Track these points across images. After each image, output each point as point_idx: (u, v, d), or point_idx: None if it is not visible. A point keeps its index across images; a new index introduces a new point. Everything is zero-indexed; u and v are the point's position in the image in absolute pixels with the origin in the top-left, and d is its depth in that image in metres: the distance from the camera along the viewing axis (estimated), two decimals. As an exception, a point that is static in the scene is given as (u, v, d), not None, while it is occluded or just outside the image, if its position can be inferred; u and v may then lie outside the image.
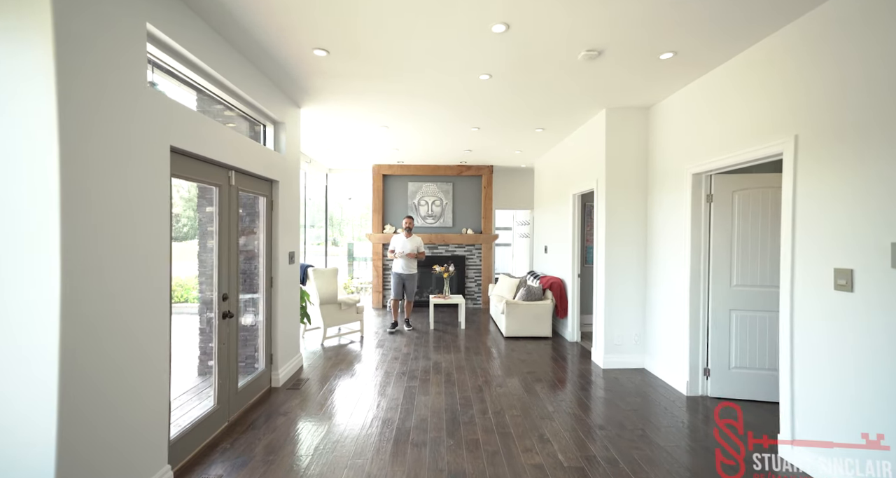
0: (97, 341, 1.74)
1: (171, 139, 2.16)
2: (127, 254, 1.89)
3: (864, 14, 2.05)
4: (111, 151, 1.80)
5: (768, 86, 2.66)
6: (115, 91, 1.82)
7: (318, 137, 5.73)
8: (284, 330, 3.89)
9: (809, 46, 2.36)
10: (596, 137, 4.51)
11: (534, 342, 5.40)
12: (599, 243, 4.43)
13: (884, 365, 1.94)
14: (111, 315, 1.81)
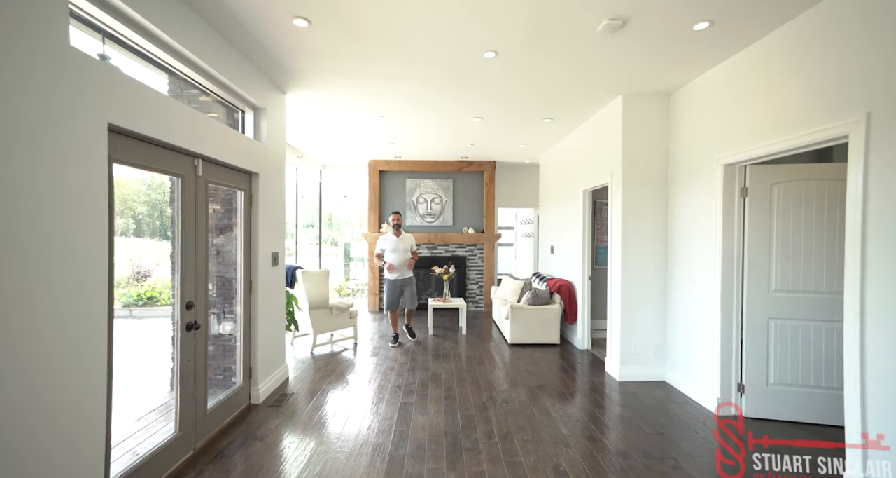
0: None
1: (109, 115, 1.76)
2: (35, 252, 1.50)
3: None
4: (18, 127, 1.41)
5: (830, 55, 2.26)
6: (23, 52, 1.42)
7: (309, 130, 5.33)
8: (267, 340, 3.50)
9: (888, 3, 1.96)
10: (610, 127, 4.11)
11: (541, 350, 5.00)
12: (614, 243, 4.04)
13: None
14: (22, 329, 1.42)
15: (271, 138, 3.56)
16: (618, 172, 3.95)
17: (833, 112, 2.21)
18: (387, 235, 5.09)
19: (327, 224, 13.84)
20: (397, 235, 5.05)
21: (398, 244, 5.03)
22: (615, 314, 4.01)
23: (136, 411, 3.00)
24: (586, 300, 4.99)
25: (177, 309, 2.39)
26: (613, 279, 4.06)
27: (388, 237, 5.05)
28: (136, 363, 3.97)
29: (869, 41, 2.04)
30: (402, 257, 5.01)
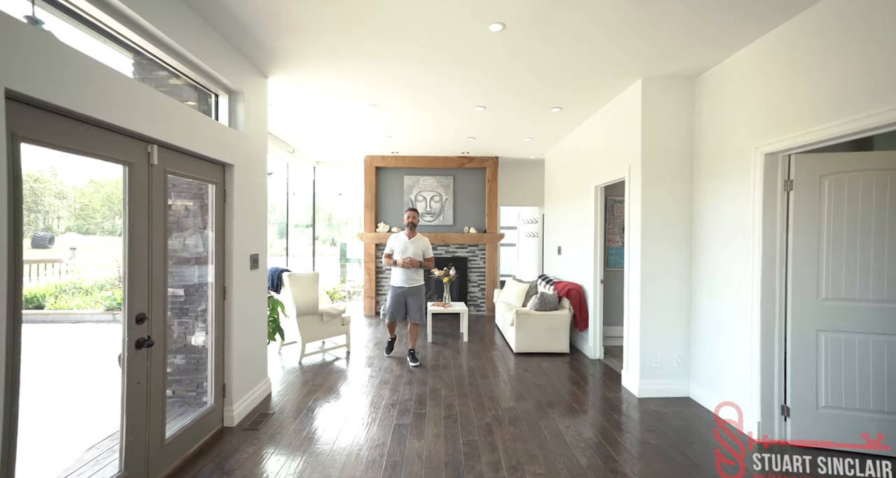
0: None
1: (7, 79, 1.37)
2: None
3: None
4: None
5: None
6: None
7: (298, 121, 4.94)
8: (244, 352, 3.11)
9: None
10: (628, 115, 3.72)
11: (549, 359, 4.61)
12: (632, 244, 3.65)
13: None
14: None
15: (250, 126, 3.17)
16: (636, 165, 3.55)
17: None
18: (399, 234, 4.47)
19: (326, 224, 13.47)
20: (410, 236, 4.41)
21: (409, 247, 4.36)
22: (633, 323, 3.62)
23: (89, 439, 2.61)
24: (598, 306, 4.60)
25: (124, 323, 2.00)
26: (631, 284, 3.67)
27: (400, 237, 4.41)
28: (102, 377, 3.58)
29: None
30: (413, 258, 4.38)
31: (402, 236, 4.42)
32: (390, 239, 4.49)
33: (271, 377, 3.94)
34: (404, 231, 4.44)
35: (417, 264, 4.35)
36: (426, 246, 4.45)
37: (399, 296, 4.40)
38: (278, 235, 7.89)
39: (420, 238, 4.45)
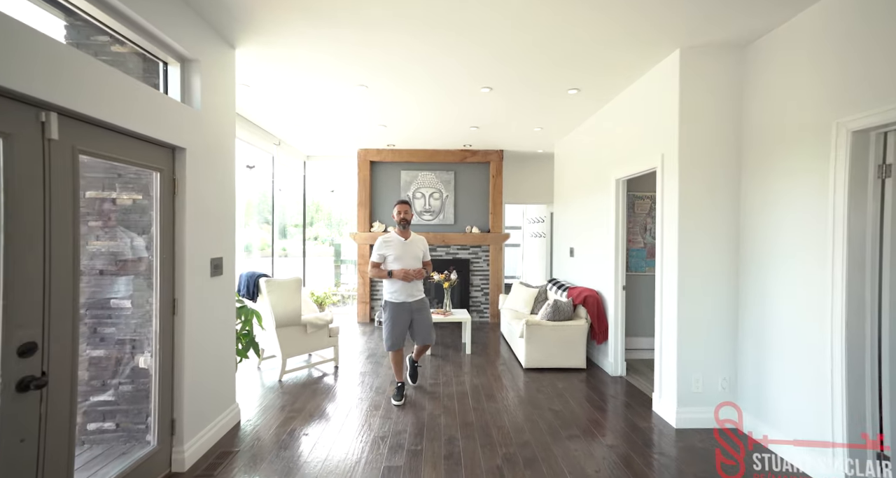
0: None
1: None
2: None
3: None
4: None
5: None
6: None
7: (281, 107, 4.38)
8: (202, 378, 2.55)
9: None
10: (662, 94, 3.16)
11: (564, 376, 4.05)
12: (667, 245, 3.09)
13: None
14: None
15: (210, 103, 2.61)
16: (672, 152, 3.00)
17: None
18: (389, 235, 3.48)
19: (326, 223, 12.94)
20: (405, 237, 3.45)
21: (405, 249, 3.40)
22: (668, 339, 3.06)
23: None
24: (619, 315, 4.04)
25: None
26: (665, 292, 3.11)
27: (392, 238, 3.43)
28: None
29: None
30: (410, 265, 3.41)
31: (394, 238, 3.43)
32: (378, 243, 3.42)
33: (246, 399, 3.39)
34: (394, 230, 3.50)
35: (423, 274, 3.46)
36: (424, 247, 3.57)
37: (402, 314, 3.40)
38: (280, 235, 7.35)
39: (417, 239, 3.53)
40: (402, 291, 3.40)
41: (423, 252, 3.55)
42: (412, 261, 3.42)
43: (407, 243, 3.44)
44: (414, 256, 3.45)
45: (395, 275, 3.33)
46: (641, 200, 4.63)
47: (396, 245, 3.41)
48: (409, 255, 3.42)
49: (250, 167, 5.16)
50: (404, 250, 3.41)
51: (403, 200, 3.56)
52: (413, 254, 3.45)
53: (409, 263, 3.39)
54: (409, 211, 3.50)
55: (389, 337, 3.40)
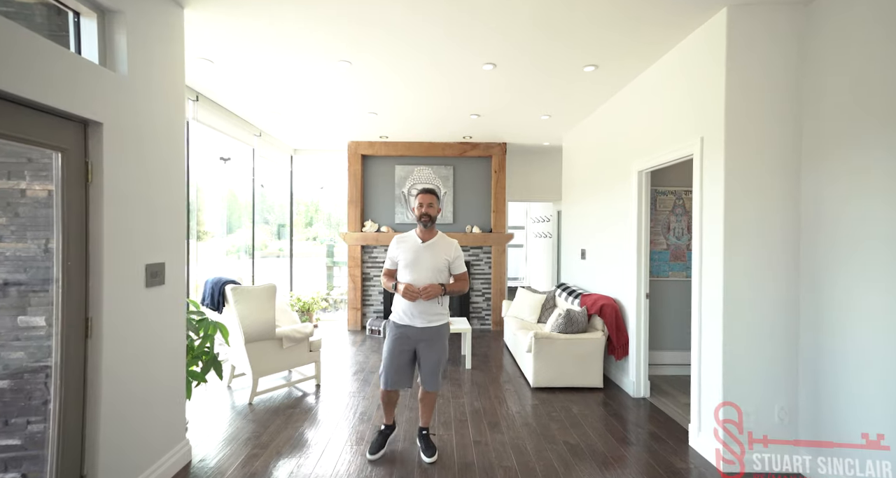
0: None
1: None
2: None
3: None
4: None
5: None
6: None
7: (256, 91, 3.85)
8: (131, 416, 2.02)
9: None
10: (701, 65, 2.63)
11: (578, 398, 3.52)
12: (709, 245, 2.56)
13: None
14: None
15: (142, 68, 2.08)
16: (715, 135, 2.46)
17: None
18: (406, 234, 2.61)
19: (325, 223, 12.42)
20: (425, 238, 2.53)
21: (422, 255, 2.49)
22: (709, 360, 2.53)
23: None
24: (642, 327, 3.51)
25: None
26: (706, 304, 2.58)
27: (408, 239, 2.57)
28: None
29: None
30: (430, 280, 2.45)
31: (411, 238, 2.55)
32: (393, 244, 2.59)
33: (206, 429, 2.87)
34: (414, 230, 2.59)
35: (440, 291, 2.42)
36: (454, 256, 2.53)
37: (401, 342, 2.48)
38: (274, 235, 6.87)
39: (443, 243, 2.54)
40: (407, 312, 2.46)
41: (451, 261, 2.51)
42: (430, 272, 2.44)
43: (426, 247, 2.49)
44: (434, 266, 2.45)
45: (398, 290, 2.45)
46: (664, 196, 4.09)
47: (411, 248, 2.50)
48: (426, 263, 2.45)
49: (225, 160, 4.63)
50: (421, 256, 2.46)
51: (428, 188, 2.55)
52: (433, 263, 2.45)
53: (425, 275, 2.43)
54: (434, 203, 2.50)
55: (384, 370, 2.51)
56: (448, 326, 2.57)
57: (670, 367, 4.07)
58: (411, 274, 2.46)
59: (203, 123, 4.00)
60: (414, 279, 2.44)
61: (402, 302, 2.47)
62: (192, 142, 3.88)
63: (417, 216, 2.52)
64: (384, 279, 2.60)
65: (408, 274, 2.47)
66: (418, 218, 2.51)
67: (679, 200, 4.10)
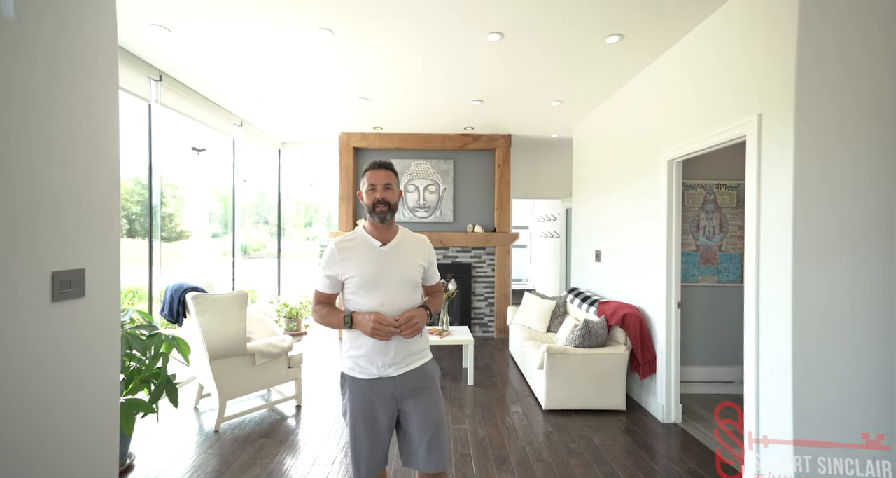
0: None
1: None
2: None
3: None
4: None
5: None
6: None
7: (233, 73, 3.37)
8: (37, 468, 1.53)
9: None
10: (760, 25, 2.15)
11: (598, 423, 3.03)
12: (770, 245, 2.07)
13: None
14: None
15: (40, 11, 1.59)
16: (781, 108, 1.98)
17: None
18: (349, 238, 1.64)
19: (325, 223, 11.96)
20: (383, 239, 1.62)
21: (387, 264, 1.59)
22: (772, 389, 2.04)
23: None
24: (673, 341, 3.02)
25: None
26: (766, 318, 2.09)
27: (356, 244, 1.61)
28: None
29: None
30: (406, 303, 1.58)
31: (362, 241, 1.62)
32: (331, 254, 1.61)
33: (156, 466, 2.38)
34: (360, 229, 1.68)
35: (426, 318, 1.60)
36: (429, 258, 1.72)
37: (376, 409, 1.57)
38: (271, 235, 6.43)
39: (411, 241, 1.69)
40: (375, 358, 1.55)
41: (424, 267, 1.68)
42: (402, 290, 1.58)
43: (389, 252, 1.60)
44: (405, 278, 1.59)
45: (358, 324, 1.52)
46: (692, 191, 3.61)
47: (365, 256, 1.58)
48: (394, 277, 1.57)
49: (198, 150, 4.15)
50: (384, 267, 1.57)
51: (380, 162, 1.63)
52: (403, 275, 1.59)
53: (396, 296, 1.56)
54: (393, 184, 1.61)
55: (354, 458, 1.58)
56: (433, 370, 1.66)
57: (699, 384, 3.59)
58: (374, 296, 1.53)
59: (170, 107, 3.52)
60: (380, 304, 1.53)
61: (366, 344, 1.53)
62: (158, 129, 3.41)
63: (369, 206, 1.57)
64: (320, 311, 1.60)
65: (368, 297, 1.54)
66: (370, 208, 1.57)
67: (710, 194, 3.61)
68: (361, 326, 1.50)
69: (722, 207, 3.62)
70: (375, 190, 1.59)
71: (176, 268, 5.10)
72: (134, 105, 3.26)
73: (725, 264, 3.61)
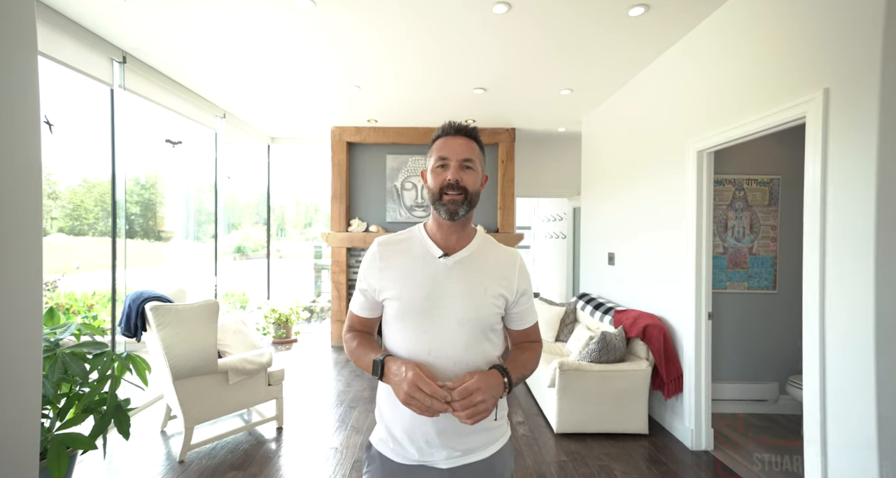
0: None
1: None
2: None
3: None
4: None
5: None
6: None
7: (208, 56, 3.00)
8: None
9: None
10: (819, -16, 1.78)
11: (618, 450, 2.66)
12: (856, 251, 1.70)
13: None
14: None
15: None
16: (862, 80, 1.61)
17: None
18: (400, 238, 1.08)
19: (325, 224, 11.76)
20: (453, 245, 1.04)
21: (450, 285, 0.99)
22: (851, 423, 1.67)
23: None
24: (703, 357, 2.66)
25: None
26: (835, 335, 1.72)
27: (407, 247, 1.05)
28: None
29: None
30: (457, 348, 0.98)
31: (417, 244, 1.05)
32: (372, 258, 1.05)
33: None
34: (418, 228, 1.08)
35: (501, 391, 0.93)
36: (512, 285, 1.04)
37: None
38: (275, 235, 6.12)
39: (488, 253, 1.06)
40: (415, 429, 0.98)
41: (508, 299, 1.04)
42: (460, 330, 0.98)
43: (451, 266, 1.01)
44: (467, 312, 0.99)
45: (390, 377, 0.93)
46: (719, 187, 3.24)
47: (412, 266, 1.02)
48: (451, 305, 0.99)
49: (173, 143, 3.79)
50: (438, 288, 1.00)
51: (459, 126, 1.02)
52: (466, 305, 0.99)
53: (449, 338, 0.98)
54: (474, 161, 1.01)
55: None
56: (511, 447, 1.10)
57: (728, 403, 3.22)
58: (419, 336, 0.99)
59: (137, 93, 3.15)
60: (427, 350, 0.98)
61: (403, 414, 0.99)
62: (123, 117, 3.04)
63: (434, 192, 1.01)
64: (350, 343, 1.08)
65: (409, 334, 1.00)
66: (436, 195, 1.00)
67: (739, 191, 3.25)
68: (394, 382, 0.92)
69: (752, 205, 3.25)
70: (447, 168, 0.99)
71: (153, 271, 4.74)
72: (93, 90, 2.89)
73: (756, 269, 3.24)
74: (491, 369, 0.95)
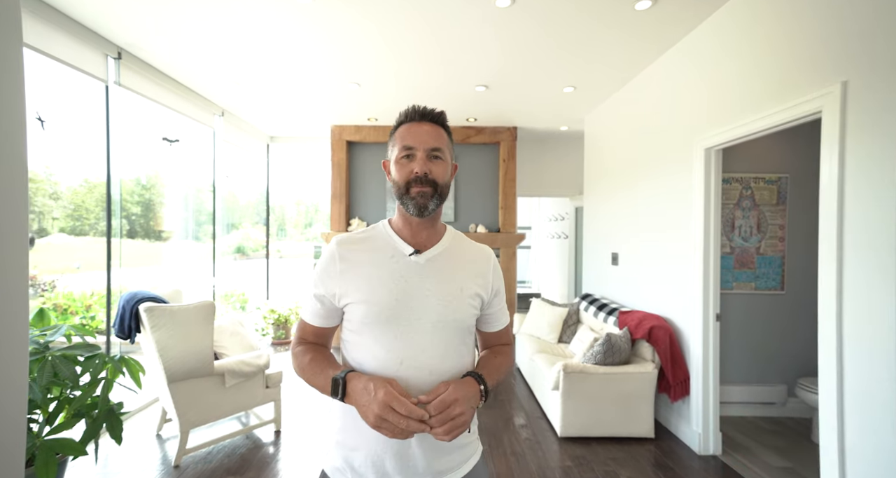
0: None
1: None
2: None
3: None
4: None
5: None
6: None
7: (205, 53, 2.94)
8: None
9: None
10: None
11: (624, 455, 2.60)
12: (879, 255, 1.64)
13: None
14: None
15: None
16: (884, 72, 1.55)
17: None
18: (367, 231, 0.98)
19: (326, 224, 11.73)
20: (423, 242, 0.95)
21: (414, 283, 0.90)
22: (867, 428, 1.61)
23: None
24: (711, 359, 2.59)
25: None
26: (854, 337, 1.66)
27: (372, 246, 0.94)
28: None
29: None
30: (433, 357, 0.88)
31: (382, 242, 0.95)
32: (329, 259, 0.93)
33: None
34: (383, 224, 0.99)
35: (477, 400, 0.85)
36: (487, 284, 0.99)
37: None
38: (276, 236, 6.09)
39: (461, 250, 0.99)
40: (381, 454, 0.86)
41: (484, 299, 0.98)
42: (436, 335, 0.89)
43: (424, 264, 0.93)
44: (445, 313, 0.90)
45: (354, 397, 0.81)
46: (726, 185, 3.18)
47: (379, 265, 0.91)
48: (426, 307, 0.89)
49: (170, 141, 3.73)
50: (410, 288, 0.90)
51: (424, 110, 0.94)
52: (444, 306, 0.90)
53: (425, 344, 0.88)
54: (442, 150, 0.92)
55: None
56: (485, 464, 1.00)
57: (735, 405, 3.16)
58: (389, 344, 0.88)
59: (133, 90, 3.10)
60: (399, 360, 0.87)
61: (371, 433, 0.85)
62: (119, 115, 2.98)
63: (400, 185, 0.91)
64: (299, 357, 0.94)
65: (377, 344, 0.89)
66: (402, 189, 0.91)
67: (746, 189, 3.18)
68: (360, 404, 0.79)
69: (760, 204, 3.19)
70: (413, 158, 0.90)
71: (152, 271, 4.68)
72: (88, 86, 2.84)
73: (764, 269, 3.18)
74: (465, 376, 0.88)
